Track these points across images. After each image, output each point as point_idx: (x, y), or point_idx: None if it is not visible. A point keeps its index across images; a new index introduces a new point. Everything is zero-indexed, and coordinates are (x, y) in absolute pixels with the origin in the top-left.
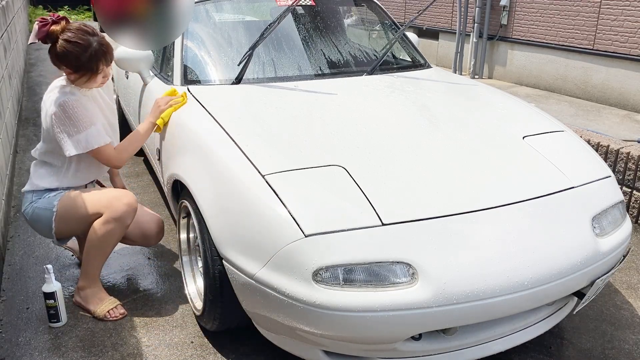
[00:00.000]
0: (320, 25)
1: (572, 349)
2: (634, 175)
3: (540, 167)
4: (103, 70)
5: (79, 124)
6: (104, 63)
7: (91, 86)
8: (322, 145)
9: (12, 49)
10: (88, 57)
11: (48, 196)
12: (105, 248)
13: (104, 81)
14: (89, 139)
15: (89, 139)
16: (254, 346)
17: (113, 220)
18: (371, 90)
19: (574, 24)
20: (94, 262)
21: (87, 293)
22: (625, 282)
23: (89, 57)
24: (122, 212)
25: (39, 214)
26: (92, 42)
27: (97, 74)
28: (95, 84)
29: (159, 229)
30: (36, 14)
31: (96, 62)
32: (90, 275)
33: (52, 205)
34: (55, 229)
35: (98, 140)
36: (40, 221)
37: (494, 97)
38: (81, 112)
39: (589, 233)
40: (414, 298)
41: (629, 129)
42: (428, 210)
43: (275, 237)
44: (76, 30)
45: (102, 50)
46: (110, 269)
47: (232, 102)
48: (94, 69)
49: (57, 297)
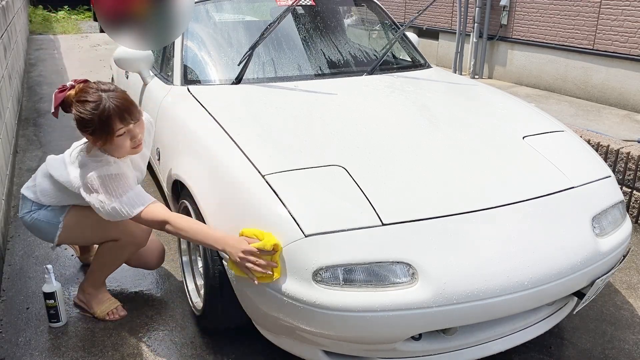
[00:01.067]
0: (320, 25)
1: (572, 349)
2: (634, 175)
3: (540, 167)
4: (127, 132)
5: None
6: (119, 121)
7: (120, 153)
8: (322, 145)
9: (12, 49)
10: (99, 116)
11: (51, 209)
12: (117, 264)
13: (135, 145)
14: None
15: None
16: (254, 346)
17: (131, 245)
18: (371, 90)
19: (574, 24)
20: (103, 272)
21: (90, 292)
22: (626, 282)
23: (100, 116)
24: (139, 238)
25: (39, 225)
26: (103, 98)
27: (114, 134)
28: (122, 149)
29: (159, 256)
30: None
31: (108, 120)
32: (97, 283)
33: (57, 220)
34: (57, 241)
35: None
36: (42, 232)
37: (494, 97)
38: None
39: (589, 233)
40: (414, 298)
41: (629, 129)
42: (428, 210)
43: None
44: (88, 89)
45: (116, 106)
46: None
47: (232, 102)
48: (108, 129)
49: (57, 297)
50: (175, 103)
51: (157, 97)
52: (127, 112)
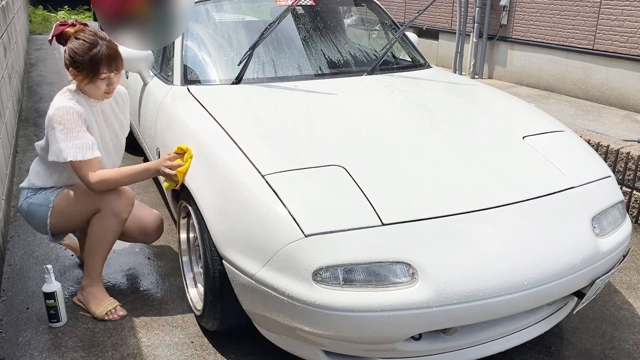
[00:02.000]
0: (320, 25)
1: (572, 349)
2: (634, 175)
3: (540, 167)
4: (107, 78)
5: (72, 131)
6: (106, 66)
7: (95, 94)
8: (322, 145)
9: (12, 49)
10: (91, 56)
11: (44, 192)
12: (104, 243)
13: (108, 91)
14: (76, 151)
15: (77, 150)
16: (253, 346)
17: (111, 215)
18: (371, 90)
19: (574, 24)
20: (95, 258)
21: (88, 292)
22: (625, 282)
23: (92, 57)
24: (119, 207)
25: (34, 209)
26: (99, 43)
27: (97, 76)
28: (98, 91)
29: (158, 225)
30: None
31: (98, 63)
32: (92, 274)
33: (48, 200)
34: (50, 225)
35: (83, 154)
36: (35, 217)
37: (494, 97)
38: (76, 121)
39: (589, 233)
40: (414, 298)
41: (628, 129)
42: (428, 210)
43: (275, 237)
44: (87, 31)
45: (107, 53)
46: (110, 269)
47: (232, 102)
48: (94, 69)
49: (57, 297)
50: (175, 103)
51: (157, 97)
52: (114, 61)
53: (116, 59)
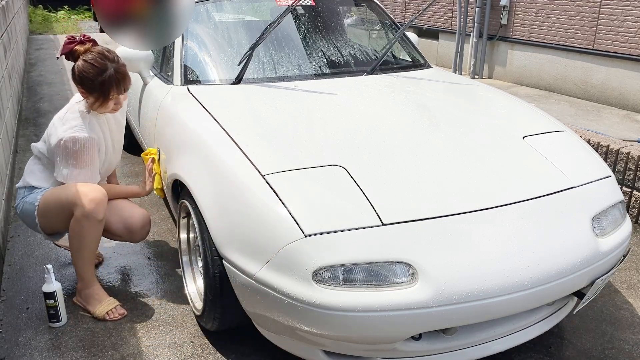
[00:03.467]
0: (320, 25)
1: (572, 349)
2: (634, 175)
3: (540, 167)
4: (115, 98)
5: (80, 162)
6: (115, 90)
7: (102, 111)
8: (322, 145)
9: (12, 48)
10: (101, 82)
11: (36, 192)
12: (84, 246)
13: (116, 108)
14: (78, 177)
15: (79, 177)
16: (254, 346)
17: (83, 218)
18: (371, 90)
19: (574, 24)
20: (79, 262)
21: (85, 294)
22: (625, 282)
23: (102, 82)
24: (88, 209)
25: (26, 208)
26: (109, 67)
27: (108, 99)
28: (106, 109)
29: (144, 223)
30: (36, 13)
31: (108, 88)
32: (84, 277)
33: (35, 200)
34: (39, 224)
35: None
36: (27, 216)
37: (494, 97)
38: (87, 152)
39: (589, 233)
40: (414, 298)
41: (629, 129)
42: (428, 210)
43: (275, 237)
44: (97, 53)
45: (117, 78)
46: (111, 268)
47: (232, 102)
48: (105, 94)
49: (57, 297)
50: (175, 103)
51: (157, 97)
52: (123, 84)
53: (125, 80)
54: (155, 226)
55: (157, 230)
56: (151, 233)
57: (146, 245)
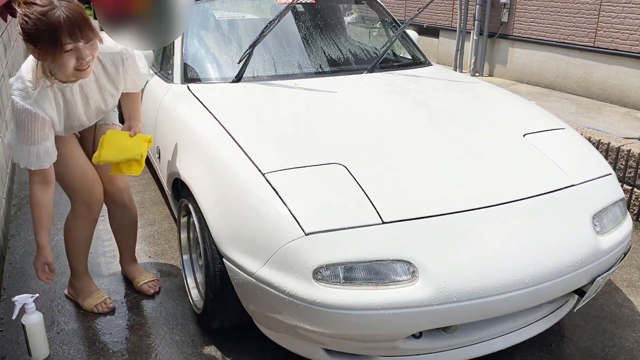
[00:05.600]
0: (320, 23)
1: (572, 347)
2: (635, 172)
3: (541, 165)
4: (74, 50)
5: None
6: (68, 35)
7: (64, 74)
8: (322, 143)
9: (12, 47)
10: (46, 23)
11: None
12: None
13: (80, 67)
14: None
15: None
16: (254, 345)
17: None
18: (372, 88)
19: (574, 22)
20: (74, 258)
21: (76, 287)
22: (626, 280)
23: (47, 24)
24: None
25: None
26: (55, 4)
27: (60, 50)
28: (66, 69)
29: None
30: None
31: (55, 32)
32: (77, 272)
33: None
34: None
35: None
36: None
37: (494, 94)
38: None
39: (590, 231)
40: (415, 296)
41: (629, 127)
42: (428, 208)
43: (276, 236)
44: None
45: (67, 16)
46: (111, 268)
47: (233, 100)
48: (54, 41)
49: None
50: (176, 101)
51: (157, 95)
52: (78, 28)
53: (80, 24)
54: (155, 225)
55: (158, 228)
56: (152, 231)
57: (146, 244)
